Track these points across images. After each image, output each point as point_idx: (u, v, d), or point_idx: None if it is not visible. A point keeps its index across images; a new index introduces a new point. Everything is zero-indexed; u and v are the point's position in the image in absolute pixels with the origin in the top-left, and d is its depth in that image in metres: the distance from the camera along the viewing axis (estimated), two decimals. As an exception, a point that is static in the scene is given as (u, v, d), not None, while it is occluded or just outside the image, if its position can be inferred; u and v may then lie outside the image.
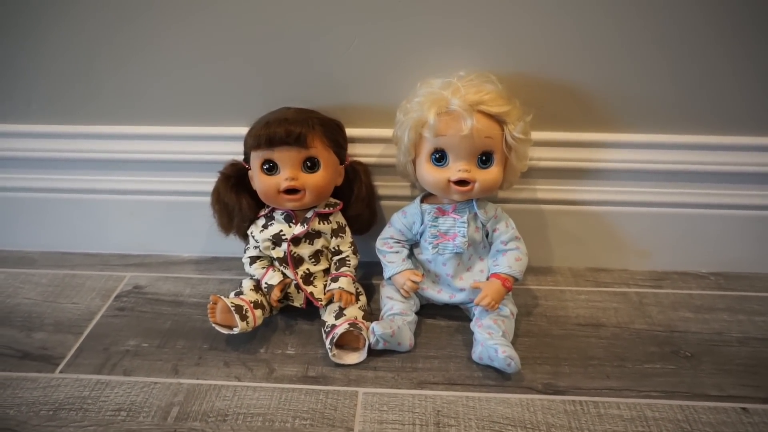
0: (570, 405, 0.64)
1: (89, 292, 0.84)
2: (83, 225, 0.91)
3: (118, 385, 0.67)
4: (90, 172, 0.86)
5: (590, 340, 0.74)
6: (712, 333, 0.75)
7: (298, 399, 0.65)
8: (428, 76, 0.72)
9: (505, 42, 0.73)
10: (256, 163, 0.72)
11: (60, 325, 0.77)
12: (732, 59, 0.73)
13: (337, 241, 0.76)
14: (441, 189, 0.71)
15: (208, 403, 0.65)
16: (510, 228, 0.74)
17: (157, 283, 0.86)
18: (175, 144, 0.83)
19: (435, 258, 0.75)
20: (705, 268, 0.87)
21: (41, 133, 0.84)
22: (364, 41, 0.74)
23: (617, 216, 0.83)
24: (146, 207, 0.88)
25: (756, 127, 0.77)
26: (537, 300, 0.81)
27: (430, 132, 0.68)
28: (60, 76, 0.80)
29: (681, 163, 0.79)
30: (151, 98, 0.81)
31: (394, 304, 0.74)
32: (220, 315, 0.70)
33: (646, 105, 0.77)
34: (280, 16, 0.73)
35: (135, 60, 0.78)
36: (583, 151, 0.80)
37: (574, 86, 0.76)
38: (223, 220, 0.77)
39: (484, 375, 0.68)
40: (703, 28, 0.71)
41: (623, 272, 0.87)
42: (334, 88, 0.78)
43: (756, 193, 0.81)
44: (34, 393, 0.66)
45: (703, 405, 0.64)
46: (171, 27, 0.75)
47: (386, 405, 0.64)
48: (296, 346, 0.73)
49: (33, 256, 0.92)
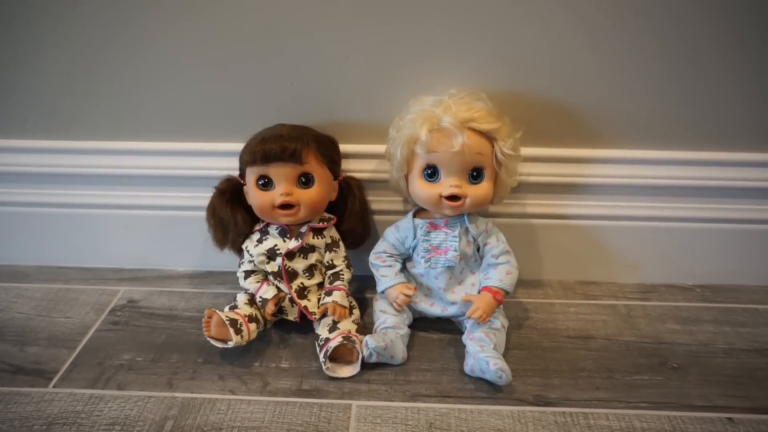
0: (560, 416, 0.65)
1: (83, 306, 0.84)
2: (78, 239, 0.91)
3: (112, 399, 0.67)
4: (85, 186, 0.87)
5: (580, 352, 0.75)
6: (698, 344, 0.76)
7: (292, 412, 0.66)
8: (420, 93, 0.73)
9: (496, 60, 0.75)
10: (252, 178, 0.73)
11: (54, 339, 0.77)
12: (722, 76, 0.75)
13: (331, 255, 0.77)
14: (433, 204, 0.73)
15: (203, 417, 0.65)
16: (501, 242, 0.75)
17: (152, 297, 0.86)
18: (170, 159, 0.84)
19: (427, 272, 0.76)
20: (691, 281, 0.89)
21: (37, 148, 0.85)
22: (358, 59, 0.76)
23: (606, 230, 0.85)
24: (141, 221, 0.88)
25: (740, 143, 0.79)
26: (527, 313, 0.83)
27: (422, 148, 0.70)
28: (56, 92, 0.81)
29: (668, 178, 0.81)
30: (147, 114, 0.82)
31: (387, 318, 0.75)
32: (215, 329, 0.71)
33: (632, 121, 0.79)
34: (274, 34, 0.75)
35: (131, 76, 0.79)
36: (572, 167, 0.81)
37: (563, 103, 0.77)
38: (218, 234, 0.77)
39: (476, 387, 0.69)
40: (688, 46, 0.73)
41: (612, 285, 0.89)
42: (328, 105, 0.79)
43: (741, 207, 0.83)
44: (27, 408, 0.66)
45: (690, 415, 0.65)
46: (168, 44, 0.77)
47: (379, 417, 0.65)
48: (290, 360, 0.74)
49: (27, 270, 0.92)
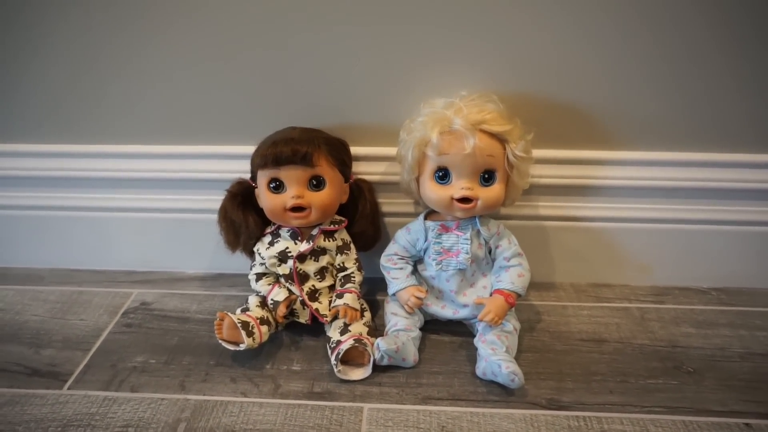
0: (574, 420, 0.64)
1: (96, 309, 0.85)
2: (90, 242, 0.92)
3: (125, 401, 0.68)
4: (97, 190, 0.88)
5: (593, 356, 0.74)
6: (714, 348, 0.75)
7: (304, 415, 0.66)
8: (431, 96, 0.73)
9: (507, 62, 0.75)
10: (263, 181, 0.73)
11: (68, 341, 0.78)
12: (731, 77, 0.74)
13: (342, 257, 0.77)
14: (444, 206, 0.72)
15: (215, 419, 0.65)
16: (512, 244, 0.75)
17: (164, 300, 0.87)
18: (181, 162, 0.85)
19: (439, 274, 0.76)
20: (706, 284, 0.88)
21: (51, 152, 0.86)
22: (369, 62, 0.76)
23: (618, 232, 0.84)
24: (153, 224, 0.89)
25: (756, 144, 0.78)
26: (540, 315, 0.82)
27: (433, 151, 0.70)
28: (69, 97, 0.82)
29: (681, 179, 0.80)
30: (159, 118, 0.82)
31: (399, 320, 0.75)
32: (227, 331, 0.71)
33: (645, 123, 0.78)
34: (286, 38, 0.75)
35: (140, 79, 0.80)
36: (584, 168, 0.81)
37: (575, 105, 0.77)
38: (230, 237, 0.78)
39: (488, 390, 0.69)
40: (702, 46, 0.72)
41: (625, 287, 0.88)
42: (339, 108, 0.79)
43: (756, 209, 0.82)
44: (42, 410, 0.67)
45: (707, 420, 0.64)
46: (178, 48, 0.77)
47: (391, 420, 0.65)
48: (302, 362, 0.74)
49: (41, 274, 0.93)
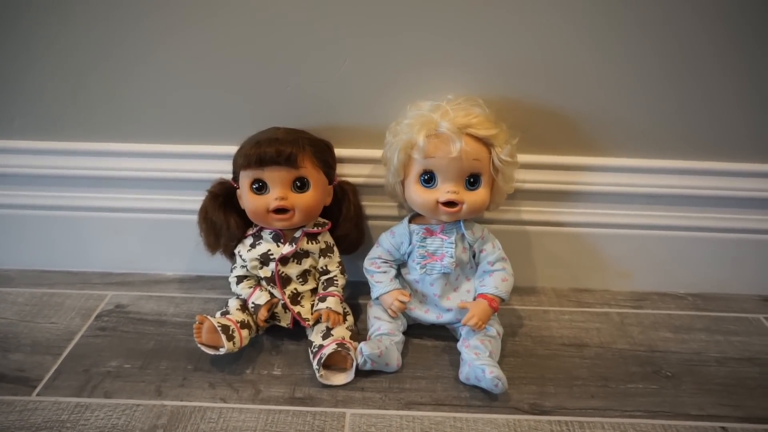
0: (556, 425, 0.65)
1: (69, 312, 0.82)
2: (63, 242, 0.89)
3: (98, 407, 0.66)
4: (71, 189, 0.85)
5: (574, 360, 0.75)
6: (691, 353, 0.76)
7: (285, 420, 0.64)
8: (417, 98, 0.73)
9: (493, 67, 0.75)
10: (246, 182, 0.72)
11: (37, 345, 0.75)
12: (711, 87, 0.76)
13: (325, 260, 0.76)
14: (429, 210, 0.72)
15: (193, 426, 0.63)
16: (496, 249, 0.75)
17: (140, 302, 0.84)
18: (161, 162, 0.83)
19: (422, 278, 0.75)
20: (683, 289, 0.89)
21: (22, 149, 0.83)
22: (355, 62, 0.75)
23: (600, 237, 0.85)
24: (130, 224, 0.87)
25: (735, 152, 0.80)
26: (522, 320, 0.82)
27: (419, 154, 0.69)
28: (45, 93, 0.79)
29: (662, 186, 0.82)
30: (137, 115, 0.80)
31: (382, 324, 0.74)
32: (206, 335, 0.69)
33: (627, 130, 0.79)
34: (270, 37, 0.74)
35: (122, 77, 0.78)
36: (568, 174, 0.82)
37: (560, 111, 0.78)
38: (210, 238, 0.76)
39: (471, 395, 0.68)
40: (686, 54, 0.74)
41: (605, 292, 0.89)
42: (324, 109, 0.78)
43: (733, 217, 0.83)
44: (9, 417, 0.64)
45: (685, 424, 0.65)
46: (161, 45, 0.75)
47: (374, 426, 0.64)
48: (283, 367, 0.72)
49: (10, 274, 0.90)
